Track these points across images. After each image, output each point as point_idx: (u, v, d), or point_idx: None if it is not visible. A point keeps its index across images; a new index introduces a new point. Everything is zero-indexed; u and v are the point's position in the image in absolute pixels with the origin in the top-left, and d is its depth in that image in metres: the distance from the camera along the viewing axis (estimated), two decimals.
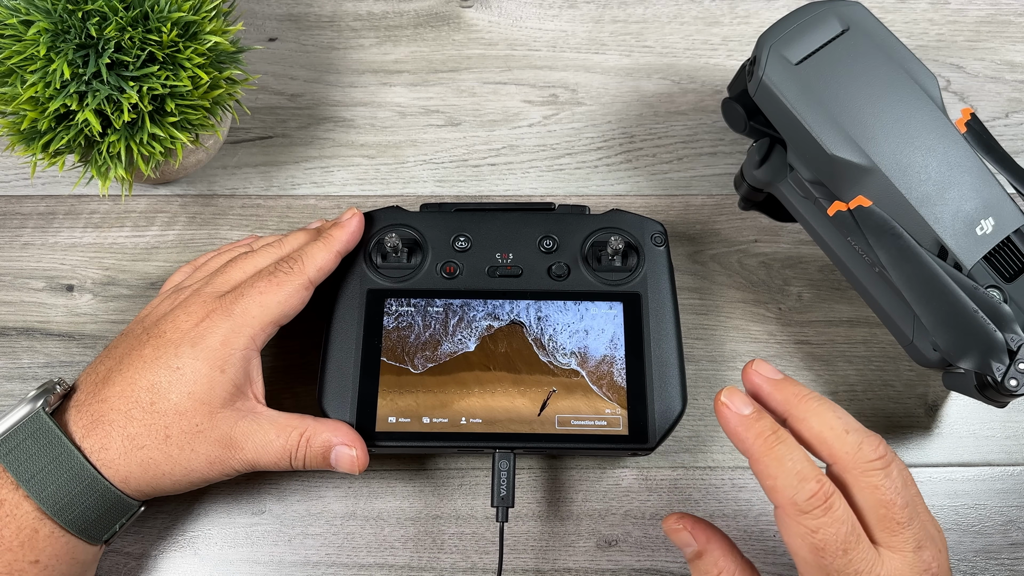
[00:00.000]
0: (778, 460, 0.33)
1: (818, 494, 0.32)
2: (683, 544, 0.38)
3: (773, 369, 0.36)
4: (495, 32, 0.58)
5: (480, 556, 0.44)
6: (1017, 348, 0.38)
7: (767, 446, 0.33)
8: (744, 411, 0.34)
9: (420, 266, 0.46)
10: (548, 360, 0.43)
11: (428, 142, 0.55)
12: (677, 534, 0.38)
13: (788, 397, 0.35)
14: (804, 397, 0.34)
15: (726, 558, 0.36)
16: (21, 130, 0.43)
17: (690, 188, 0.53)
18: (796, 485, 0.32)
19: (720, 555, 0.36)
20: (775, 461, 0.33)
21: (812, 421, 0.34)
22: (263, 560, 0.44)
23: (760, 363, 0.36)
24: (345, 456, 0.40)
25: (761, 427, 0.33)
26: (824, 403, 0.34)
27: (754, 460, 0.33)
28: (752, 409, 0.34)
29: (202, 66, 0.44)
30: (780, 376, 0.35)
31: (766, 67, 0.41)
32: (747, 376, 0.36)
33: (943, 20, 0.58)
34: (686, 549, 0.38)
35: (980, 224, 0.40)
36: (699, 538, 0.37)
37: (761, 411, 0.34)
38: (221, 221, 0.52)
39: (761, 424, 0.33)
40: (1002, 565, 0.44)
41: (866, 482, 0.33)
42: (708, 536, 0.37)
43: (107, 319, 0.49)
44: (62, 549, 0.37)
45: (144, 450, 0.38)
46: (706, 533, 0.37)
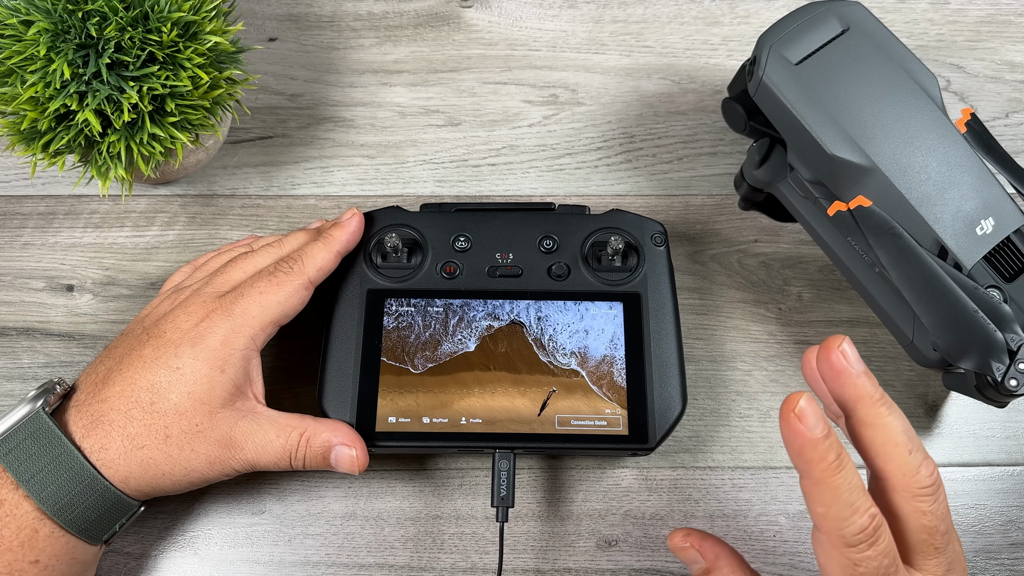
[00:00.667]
0: (835, 489, 0.31)
1: (868, 528, 0.31)
2: (690, 561, 0.37)
3: (859, 358, 0.32)
4: (495, 32, 0.58)
5: (480, 556, 0.44)
6: (1017, 348, 0.38)
7: (827, 474, 0.31)
8: (816, 432, 0.30)
9: (420, 266, 0.46)
10: (548, 360, 0.43)
11: (428, 142, 0.55)
12: (684, 552, 0.37)
13: (862, 395, 0.32)
14: (877, 401, 0.32)
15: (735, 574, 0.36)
16: (21, 130, 0.43)
17: (690, 188, 0.53)
18: (848, 518, 0.31)
19: (729, 572, 0.36)
20: (832, 490, 0.31)
21: (879, 431, 0.32)
22: (263, 560, 0.44)
23: (849, 345, 0.32)
24: (345, 456, 0.40)
25: (826, 451, 0.31)
26: (894, 413, 0.32)
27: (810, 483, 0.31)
28: (822, 430, 0.31)
29: (202, 66, 0.44)
30: (863, 368, 0.32)
31: (766, 67, 0.41)
32: (830, 354, 0.32)
33: (943, 20, 0.58)
34: (694, 566, 0.37)
35: (980, 224, 0.40)
36: (707, 555, 0.36)
37: (830, 431, 0.31)
38: (221, 221, 0.52)
39: (827, 448, 0.31)
40: (1002, 565, 0.44)
41: (915, 506, 0.32)
42: (716, 552, 0.36)
43: (107, 319, 0.49)
44: (62, 549, 0.37)
45: (144, 450, 0.38)
46: (714, 549, 0.36)
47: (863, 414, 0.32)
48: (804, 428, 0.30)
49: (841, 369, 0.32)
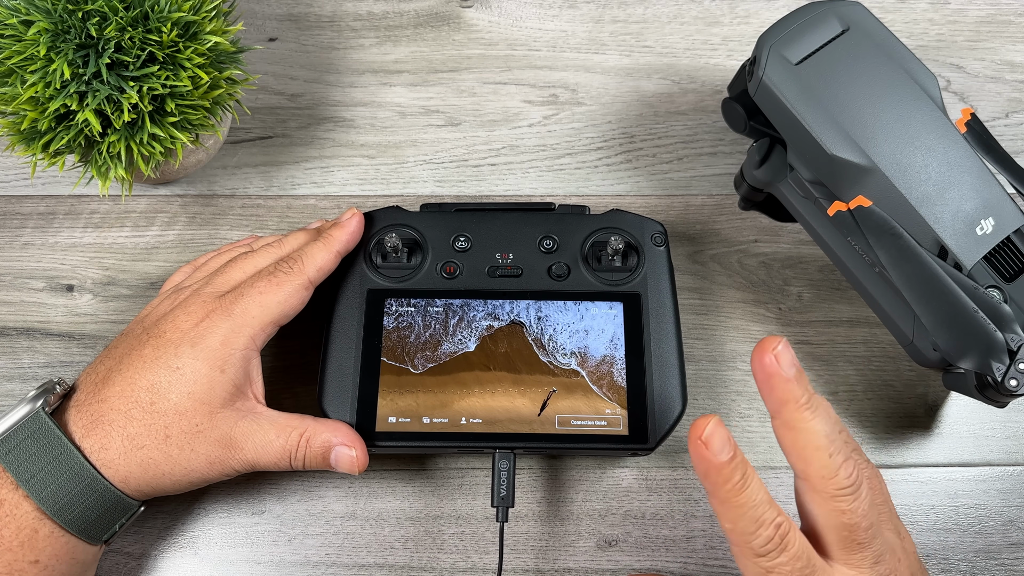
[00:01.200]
0: (739, 507, 0.32)
1: (774, 539, 0.32)
2: None
3: (791, 361, 0.33)
4: (495, 32, 0.58)
5: (480, 556, 0.44)
6: (1017, 348, 0.38)
7: (732, 494, 0.32)
8: (721, 457, 0.32)
9: (420, 266, 0.46)
10: (548, 360, 0.43)
11: (428, 142, 0.55)
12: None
13: (787, 399, 0.33)
14: (802, 406, 0.33)
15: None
16: (21, 130, 0.43)
17: (690, 188, 0.53)
18: (753, 531, 0.32)
19: None
20: (736, 508, 0.32)
21: (800, 435, 0.33)
22: (263, 560, 0.44)
23: (785, 350, 0.33)
24: (345, 456, 0.40)
25: (730, 473, 0.32)
26: (818, 415, 0.33)
27: (716, 502, 0.33)
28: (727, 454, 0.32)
29: (202, 66, 0.44)
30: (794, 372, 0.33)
31: (766, 67, 0.41)
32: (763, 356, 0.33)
33: (943, 20, 0.58)
34: None
35: (980, 224, 0.40)
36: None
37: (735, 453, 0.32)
38: (221, 221, 0.52)
39: (731, 470, 0.32)
40: (1002, 565, 0.44)
41: (833, 506, 0.33)
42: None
43: (107, 319, 0.49)
44: (62, 549, 0.37)
45: (144, 450, 0.38)
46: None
47: (787, 417, 0.33)
48: (709, 454, 0.32)
49: (772, 372, 0.33)
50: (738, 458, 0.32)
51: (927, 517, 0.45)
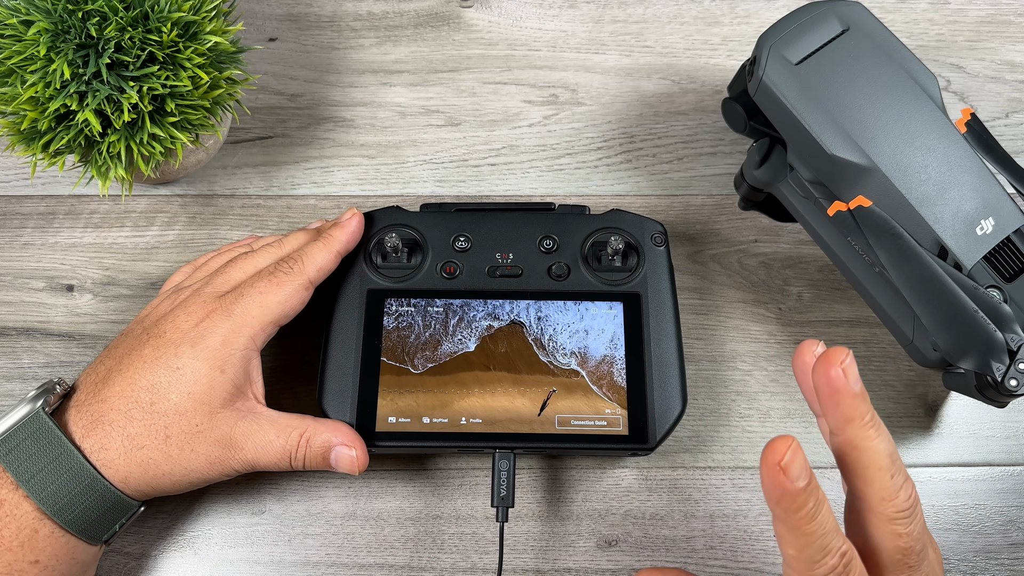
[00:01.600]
0: (809, 536, 0.31)
1: (838, 568, 0.31)
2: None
3: (857, 377, 0.31)
4: (495, 32, 0.58)
5: (480, 556, 0.44)
6: (1017, 348, 0.38)
7: (803, 522, 0.30)
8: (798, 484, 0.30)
9: (420, 266, 0.46)
10: (548, 360, 0.43)
11: (428, 142, 0.55)
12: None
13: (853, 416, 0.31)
14: (867, 424, 0.32)
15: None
16: (21, 130, 0.43)
17: (690, 188, 0.53)
18: (819, 560, 0.31)
19: None
20: (805, 536, 0.31)
21: (863, 454, 0.32)
22: (263, 560, 0.44)
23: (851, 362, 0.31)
24: (345, 456, 0.40)
25: (805, 500, 0.30)
26: (882, 435, 0.32)
27: (784, 528, 0.31)
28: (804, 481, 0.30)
29: (202, 66, 0.44)
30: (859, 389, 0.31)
31: (766, 67, 0.41)
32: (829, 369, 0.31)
33: (943, 20, 0.58)
34: None
35: (980, 224, 0.40)
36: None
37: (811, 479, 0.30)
38: (221, 221, 0.52)
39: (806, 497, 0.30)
40: (1002, 565, 0.44)
41: (891, 529, 0.32)
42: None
43: (107, 319, 0.49)
44: (62, 549, 0.37)
45: (144, 450, 0.38)
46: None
47: (851, 435, 0.32)
48: (787, 481, 0.30)
49: (839, 387, 0.31)
50: (813, 484, 0.30)
51: (927, 517, 0.45)
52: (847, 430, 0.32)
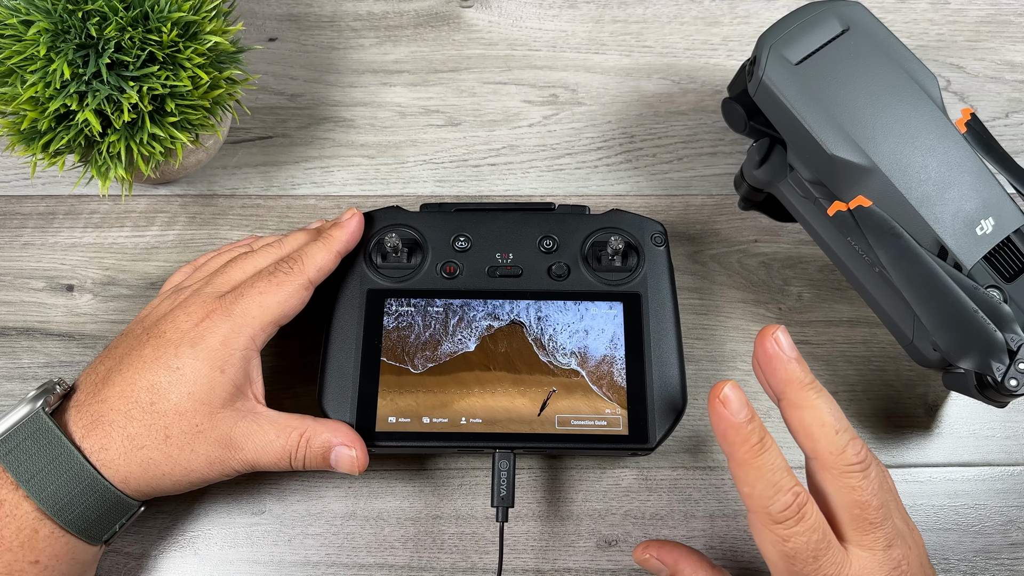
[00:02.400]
0: (758, 470, 0.33)
1: (792, 506, 0.33)
2: (656, 571, 0.40)
3: (792, 345, 0.35)
4: (495, 32, 0.58)
5: (480, 556, 0.44)
6: (1017, 348, 0.38)
7: (751, 455, 0.33)
8: (739, 417, 0.33)
9: (420, 266, 0.46)
10: (548, 360, 0.43)
11: (428, 142, 0.55)
12: (647, 564, 0.40)
13: (791, 379, 0.34)
14: (806, 386, 0.34)
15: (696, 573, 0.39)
16: (21, 130, 0.43)
17: (690, 188, 0.53)
18: (771, 496, 0.33)
19: (690, 572, 0.39)
20: (755, 470, 0.33)
21: (806, 413, 0.34)
22: (263, 560, 0.44)
23: (784, 334, 0.35)
24: (345, 456, 0.40)
25: (749, 434, 0.33)
26: (822, 396, 0.34)
27: (735, 464, 0.34)
28: (746, 415, 0.33)
29: (202, 66, 0.44)
30: (795, 355, 0.35)
31: (766, 67, 0.41)
32: (764, 341, 0.35)
33: (943, 20, 0.58)
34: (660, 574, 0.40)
35: (980, 224, 0.40)
36: (667, 561, 0.39)
37: (753, 416, 0.34)
38: (221, 221, 0.52)
39: (749, 431, 0.33)
40: (1002, 565, 0.44)
41: (844, 483, 0.34)
42: (675, 557, 0.39)
43: (107, 319, 0.49)
44: (62, 549, 0.37)
45: (144, 450, 0.38)
46: (672, 554, 0.39)
47: (792, 396, 0.34)
48: (728, 413, 0.33)
49: (773, 355, 0.34)
50: (756, 421, 0.33)
51: (927, 517, 0.45)
52: (788, 392, 0.34)
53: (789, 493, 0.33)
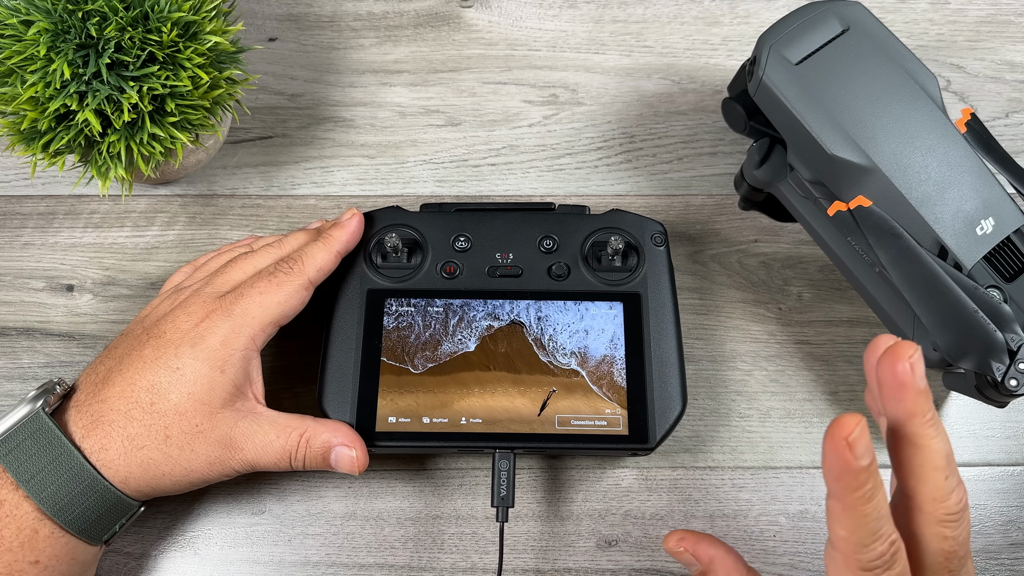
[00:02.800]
0: (863, 517, 0.30)
1: (886, 555, 0.30)
2: (687, 564, 0.38)
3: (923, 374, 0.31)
4: (495, 32, 0.58)
5: (480, 556, 0.44)
6: (1017, 348, 0.38)
7: (860, 502, 0.30)
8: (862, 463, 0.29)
9: (420, 266, 0.46)
10: (548, 360, 0.43)
11: (428, 142, 0.55)
12: (679, 556, 0.38)
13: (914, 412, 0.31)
14: (927, 422, 0.31)
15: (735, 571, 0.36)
16: (21, 130, 0.43)
17: (690, 188, 0.53)
18: (868, 545, 0.30)
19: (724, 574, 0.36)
20: (859, 517, 0.30)
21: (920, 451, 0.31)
22: (263, 560, 0.44)
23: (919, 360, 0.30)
24: (345, 457, 0.40)
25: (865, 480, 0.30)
26: (940, 434, 0.32)
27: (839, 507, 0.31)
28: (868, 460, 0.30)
29: (202, 66, 0.44)
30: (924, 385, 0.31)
31: (766, 67, 0.41)
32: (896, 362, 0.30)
33: (943, 20, 0.58)
34: (691, 568, 0.38)
35: (980, 224, 0.40)
36: (702, 558, 0.37)
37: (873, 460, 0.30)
38: (221, 221, 0.52)
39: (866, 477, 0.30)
40: (1002, 565, 0.44)
41: (938, 531, 0.32)
42: (711, 555, 0.37)
43: (107, 319, 0.49)
44: (62, 549, 0.37)
45: (144, 450, 0.38)
46: (709, 552, 0.37)
47: (912, 431, 0.31)
48: (851, 457, 0.29)
49: (905, 381, 0.30)
50: (874, 466, 0.30)
51: None
52: (908, 425, 0.31)
53: (886, 542, 0.30)
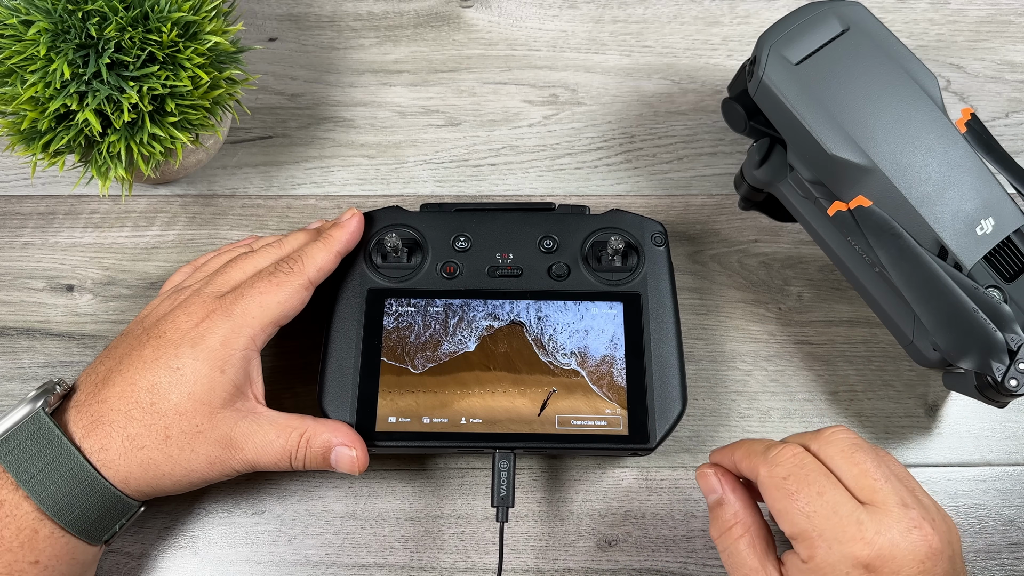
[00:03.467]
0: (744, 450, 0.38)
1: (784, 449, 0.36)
2: (708, 490, 0.39)
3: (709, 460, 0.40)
4: (495, 32, 0.58)
5: (480, 556, 0.44)
6: (1017, 348, 0.38)
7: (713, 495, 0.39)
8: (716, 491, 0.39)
9: (420, 266, 0.46)
10: (548, 360, 0.43)
11: (428, 142, 0.55)
12: (705, 478, 0.39)
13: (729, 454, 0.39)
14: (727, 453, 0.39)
15: (746, 511, 0.38)
16: (21, 130, 0.43)
17: (690, 188, 0.53)
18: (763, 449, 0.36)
19: (740, 507, 0.38)
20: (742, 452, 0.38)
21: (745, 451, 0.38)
22: (263, 560, 0.44)
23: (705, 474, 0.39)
24: (345, 457, 0.40)
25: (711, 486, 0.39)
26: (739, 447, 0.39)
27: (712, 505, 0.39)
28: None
29: (202, 66, 0.44)
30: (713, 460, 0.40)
31: (766, 67, 0.41)
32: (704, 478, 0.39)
33: (943, 20, 0.58)
34: (710, 496, 0.39)
35: (980, 224, 0.40)
36: (725, 486, 0.38)
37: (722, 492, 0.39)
38: (221, 221, 0.52)
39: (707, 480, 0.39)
40: (1002, 565, 0.44)
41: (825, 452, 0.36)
42: (734, 486, 0.38)
43: (107, 319, 0.49)
44: (62, 549, 0.37)
45: (144, 450, 0.38)
46: (732, 483, 0.39)
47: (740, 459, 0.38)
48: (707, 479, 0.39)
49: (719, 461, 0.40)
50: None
51: None
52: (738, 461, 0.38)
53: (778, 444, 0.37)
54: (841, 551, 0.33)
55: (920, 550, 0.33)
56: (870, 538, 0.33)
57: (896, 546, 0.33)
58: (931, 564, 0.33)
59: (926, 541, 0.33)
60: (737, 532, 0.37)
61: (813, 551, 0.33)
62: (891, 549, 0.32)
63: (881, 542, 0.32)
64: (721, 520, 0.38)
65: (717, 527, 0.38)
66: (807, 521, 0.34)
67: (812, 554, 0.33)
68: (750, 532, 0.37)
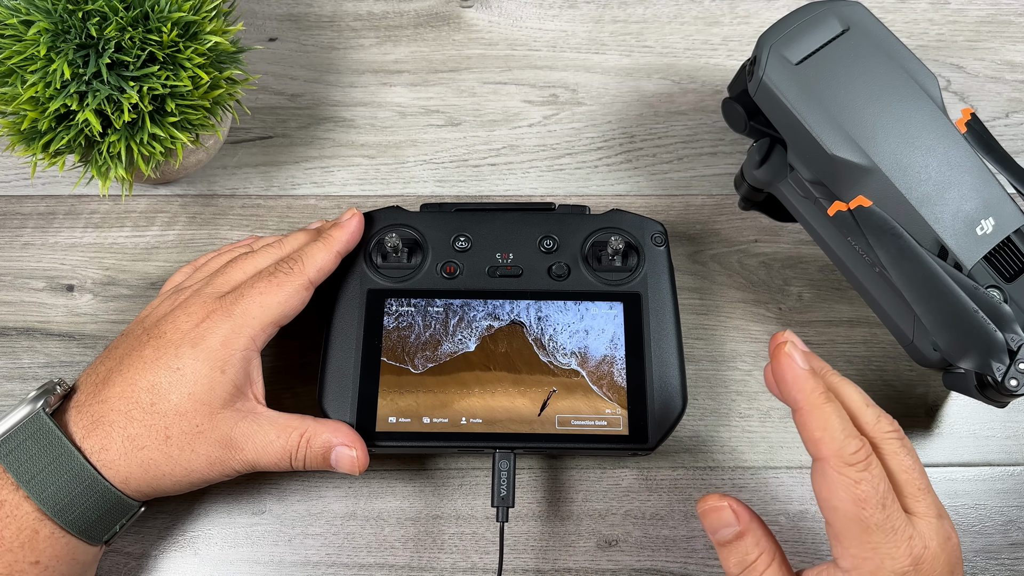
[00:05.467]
0: (828, 416, 0.34)
1: (861, 451, 0.33)
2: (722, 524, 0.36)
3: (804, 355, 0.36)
4: (495, 32, 0.58)
5: (480, 556, 0.44)
6: (1017, 348, 0.38)
7: (820, 401, 0.34)
8: (805, 366, 0.35)
9: (420, 266, 0.46)
10: (548, 360, 0.43)
11: (428, 142, 0.55)
12: (718, 512, 0.36)
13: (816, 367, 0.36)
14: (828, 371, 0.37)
15: (768, 539, 0.36)
16: (21, 130, 0.43)
17: (690, 188, 0.53)
18: (843, 440, 0.33)
19: (763, 536, 0.36)
20: (825, 416, 0.34)
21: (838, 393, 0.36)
22: (263, 560, 0.44)
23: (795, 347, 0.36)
24: (345, 457, 0.40)
25: (817, 383, 0.34)
26: (846, 380, 0.36)
27: (804, 412, 0.34)
28: (810, 367, 0.35)
29: (202, 66, 0.44)
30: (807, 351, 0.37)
31: (766, 67, 0.41)
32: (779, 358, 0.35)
33: (943, 20, 0.58)
34: (725, 530, 0.36)
35: (980, 224, 0.40)
36: (743, 518, 0.36)
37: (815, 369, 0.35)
38: (221, 221, 0.52)
39: (817, 380, 0.35)
40: (1002, 565, 0.44)
41: (888, 448, 0.35)
42: (751, 516, 0.37)
43: (107, 319, 0.49)
44: (62, 550, 0.37)
45: (144, 451, 0.38)
46: (748, 513, 0.37)
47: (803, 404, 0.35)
48: (795, 363, 0.35)
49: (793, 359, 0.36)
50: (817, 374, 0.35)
51: None
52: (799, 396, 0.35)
53: (857, 439, 0.34)
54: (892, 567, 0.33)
55: (951, 559, 0.34)
56: (917, 552, 0.33)
57: (936, 558, 0.34)
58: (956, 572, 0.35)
59: (956, 552, 0.35)
60: (763, 564, 0.35)
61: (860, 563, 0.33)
62: (932, 562, 0.33)
63: (926, 556, 0.33)
64: (742, 553, 0.36)
65: (737, 562, 0.36)
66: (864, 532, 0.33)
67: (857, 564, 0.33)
68: (776, 558, 0.36)
